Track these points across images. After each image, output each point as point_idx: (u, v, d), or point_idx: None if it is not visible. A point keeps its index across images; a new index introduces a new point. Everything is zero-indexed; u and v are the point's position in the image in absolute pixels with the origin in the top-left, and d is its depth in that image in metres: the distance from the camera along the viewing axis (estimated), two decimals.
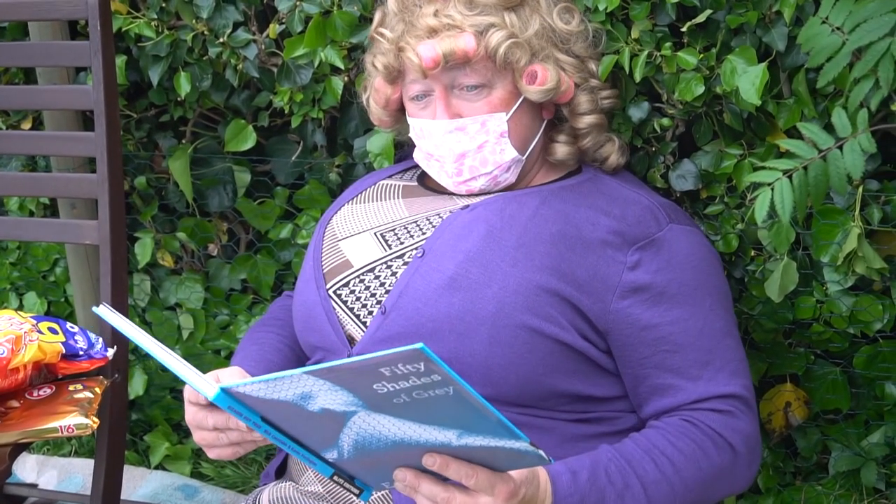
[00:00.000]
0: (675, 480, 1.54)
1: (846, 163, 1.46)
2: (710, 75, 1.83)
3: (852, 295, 1.90)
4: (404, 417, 1.22)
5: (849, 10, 1.51)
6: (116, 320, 1.44)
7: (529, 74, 1.68)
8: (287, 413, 1.26)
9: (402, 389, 1.16)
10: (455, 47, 1.64)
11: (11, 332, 1.77)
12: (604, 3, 1.81)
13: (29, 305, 2.74)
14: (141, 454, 2.71)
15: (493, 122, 1.69)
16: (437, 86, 1.69)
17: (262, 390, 1.23)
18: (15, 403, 1.79)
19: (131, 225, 2.52)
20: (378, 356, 1.12)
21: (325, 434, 1.29)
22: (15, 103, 2.30)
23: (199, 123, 2.46)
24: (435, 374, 1.13)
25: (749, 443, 1.62)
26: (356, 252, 1.73)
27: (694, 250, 1.68)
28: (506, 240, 1.62)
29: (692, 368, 1.62)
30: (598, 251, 1.62)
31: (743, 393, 1.63)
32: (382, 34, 1.71)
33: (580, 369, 1.62)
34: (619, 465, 1.52)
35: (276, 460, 1.81)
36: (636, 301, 1.62)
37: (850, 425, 2.07)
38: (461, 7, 1.67)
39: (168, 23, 2.24)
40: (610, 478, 1.50)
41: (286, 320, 1.88)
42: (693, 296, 1.64)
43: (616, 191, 1.73)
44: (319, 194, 2.32)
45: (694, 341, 1.62)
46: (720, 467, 1.59)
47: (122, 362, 2.00)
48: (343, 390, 1.19)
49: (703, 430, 1.59)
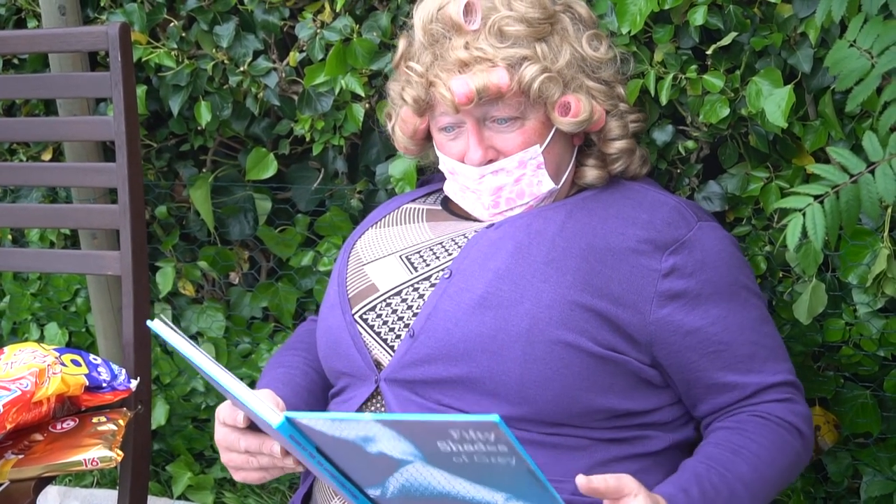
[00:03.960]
0: (767, 474, 1.57)
1: (878, 187, 1.44)
2: (734, 97, 1.82)
3: (882, 317, 1.88)
4: (458, 475, 1.23)
5: (877, 32, 1.49)
6: (172, 336, 1.43)
7: (562, 106, 1.67)
8: (343, 449, 1.28)
9: (466, 452, 1.18)
10: (488, 82, 1.62)
11: (35, 364, 1.77)
12: (627, 27, 1.80)
13: (50, 336, 2.74)
14: (163, 484, 2.70)
15: (528, 155, 1.68)
16: (468, 119, 1.67)
17: (327, 426, 1.25)
18: (39, 437, 1.79)
19: (152, 254, 2.51)
20: (452, 419, 1.14)
21: (374, 473, 1.30)
22: (36, 135, 2.30)
23: (219, 152, 2.46)
24: (503, 444, 1.15)
25: (809, 423, 1.66)
26: (382, 276, 1.71)
27: (723, 245, 1.68)
28: (535, 255, 1.60)
29: (741, 363, 1.63)
30: (630, 261, 1.61)
31: (791, 378, 1.67)
32: (412, 68, 1.68)
33: (616, 383, 1.61)
34: (720, 473, 1.53)
35: (301, 490, 1.79)
36: (676, 307, 1.61)
37: (882, 449, 2.04)
38: (492, 39, 1.64)
39: (188, 52, 2.24)
40: (716, 488, 1.51)
41: (311, 343, 1.87)
42: (728, 292, 1.65)
43: (640, 194, 1.72)
44: (341, 221, 2.31)
45: (737, 337, 1.64)
46: (797, 452, 1.63)
47: (145, 393, 1.99)
48: (406, 441, 1.21)
49: (774, 421, 1.62)
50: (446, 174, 1.75)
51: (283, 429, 1.26)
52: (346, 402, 1.68)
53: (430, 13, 1.67)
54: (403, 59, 1.73)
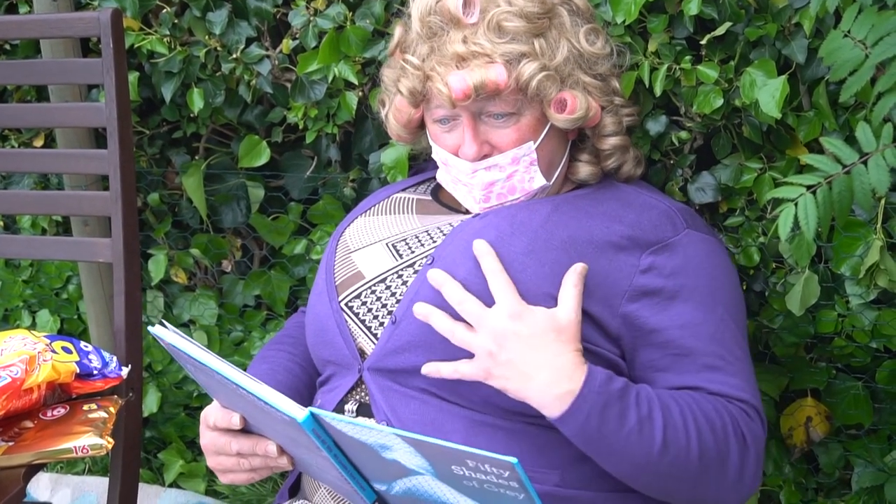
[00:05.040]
0: (693, 437, 1.51)
1: (871, 178, 1.43)
2: (728, 88, 1.81)
3: (874, 308, 1.88)
4: (466, 495, 1.28)
5: (871, 23, 1.49)
6: (178, 339, 1.45)
7: (558, 103, 1.66)
8: (360, 449, 1.33)
9: (477, 479, 1.23)
10: (486, 79, 1.60)
11: (25, 351, 1.77)
12: (621, 16, 1.79)
13: (42, 323, 2.73)
14: (155, 472, 2.70)
15: (521, 152, 1.67)
16: (464, 113, 1.66)
17: (348, 428, 1.30)
18: (29, 424, 1.79)
19: (144, 241, 2.50)
20: (471, 451, 1.19)
21: (384, 472, 1.35)
22: (27, 121, 2.29)
23: (212, 139, 2.45)
24: (515, 482, 1.20)
25: (759, 448, 1.58)
26: (368, 263, 1.71)
27: (709, 258, 1.66)
28: (515, 246, 1.59)
29: (703, 371, 1.58)
30: (609, 255, 1.60)
31: (755, 402, 1.60)
32: (408, 60, 1.66)
33: None
34: (650, 397, 1.51)
35: (290, 479, 1.79)
36: (645, 304, 1.59)
37: (873, 440, 2.04)
38: (491, 34, 1.62)
39: (181, 39, 2.23)
40: (638, 401, 1.49)
41: (299, 337, 1.87)
42: (705, 302, 1.61)
43: (631, 196, 1.71)
44: (334, 209, 2.31)
45: (704, 347, 1.59)
46: (729, 453, 1.54)
47: (136, 381, 1.99)
48: (421, 457, 1.26)
49: (728, 412, 1.55)
50: (439, 164, 1.75)
51: (307, 423, 1.31)
52: (331, 391, 1.68)
53: (428, 5, 1.66)
54: (399, 47, 1.72)
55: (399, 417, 1.58)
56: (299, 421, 1.31)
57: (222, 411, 1.55)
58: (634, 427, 1.48)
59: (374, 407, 1.60)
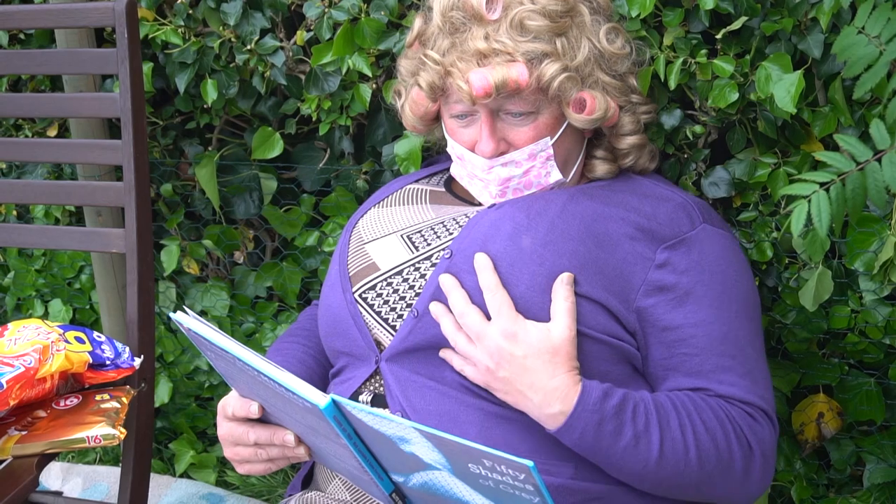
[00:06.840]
0: (691, 447, 1.52)
1: (885, 175, 1.43)
2: (744, 82, 1.81)
3: (888, 305, 1.87)
4: (481, 492, 1.29)
5: (886, 18, 1.48)
6: (199, 326, 1.45)
7: (577, 102, 1.64)
8: (378, 438, 1.34)
9: (493, 479, 1.25)
10: (507, 77, 1.59)
11: (38, 341, 1.77)
12: (637, 10, 1.79)
13: (54, 312, 2.74)
14: (166, 462, 2.71)
15: (538, 147, 1.66)
16: (482, 110, 1.65)
17: (368, 418, 1.31)
18: (42, 413, 1.79)
19: (157, 232, 2.51)
20: (488, 451, 1.20)
21: (402, 464, 1.36)
22: (41, 111, 2.29)
23: (225, 130, 2.45)
24: (530, 485, 1.21)
25: (765, 451, 1.58)
26: (383, 255, 1.71)
27: (725, 254, 1.65)
28: (532, 236, 1.59)
29: (712, 373, 1.58)
30: (626, 248, 1.59)
31: (763, 405, 1.60)
32: (429, 55, 1.65)
33: (613, 371, 1.59)
34: (648, 410, 1.52)
35: (303, 470, 1.80)
36: (660, 301, 1.59)
37: (885, 437, 2.04)
38: (513, 32, 1.61)
39: (195, 29, 2.24)
40: (635, 416, 1.51)
41: (312, 329, 1.87)
42: (719, 300, 1.61)
43: (648, 188, 1.70)
44: (346, 201, 2.31)
45: (716, 346, 1.59)
46: (732, 460, 1.55)
47: (148, 371, 1.99)
48: (439, 453, 1.28)
49: (730, 419, 1.56)
50: (454, 158, 1.74)
51: (328, 410, 1.32)
52: (344, 382, 1.68)
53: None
54: (419, 39, 1.71)
55: (414, 408, 1.58)
56: (321, 407, 1.31)
57: (241, 400, 1.55)
58: (630, 442, 1.50)
59: (388, 397, 1.60)
